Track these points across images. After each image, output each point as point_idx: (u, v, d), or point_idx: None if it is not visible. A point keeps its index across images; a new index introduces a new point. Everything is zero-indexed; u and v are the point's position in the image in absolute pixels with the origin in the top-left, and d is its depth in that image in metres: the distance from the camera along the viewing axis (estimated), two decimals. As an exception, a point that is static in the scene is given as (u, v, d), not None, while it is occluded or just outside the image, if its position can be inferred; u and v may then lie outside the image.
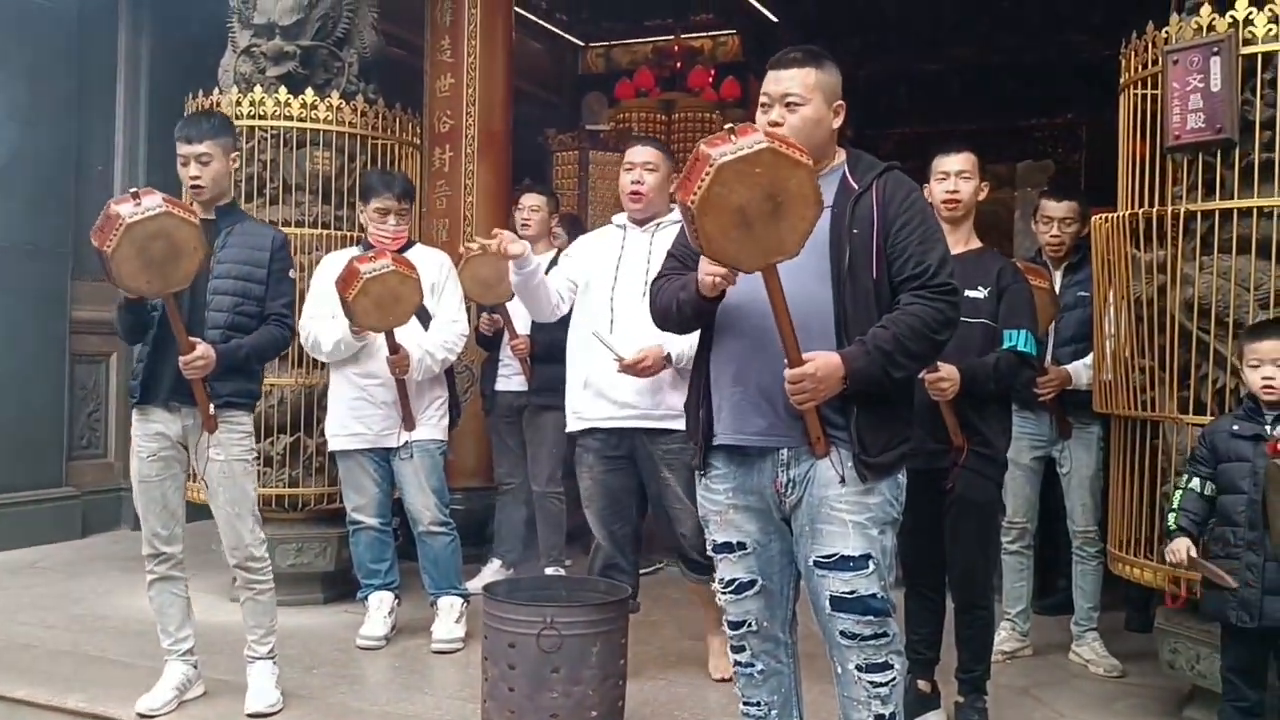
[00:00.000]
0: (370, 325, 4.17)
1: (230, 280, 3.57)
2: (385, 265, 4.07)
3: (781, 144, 2.31)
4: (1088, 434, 4.39)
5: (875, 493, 2.52)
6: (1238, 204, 3.44)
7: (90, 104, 6.57)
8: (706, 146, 2.31)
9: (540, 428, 5.20)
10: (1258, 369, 3.10)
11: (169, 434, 3.57)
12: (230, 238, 3.62)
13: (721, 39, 10.55)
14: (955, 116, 10.02)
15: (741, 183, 2.27)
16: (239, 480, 3.59)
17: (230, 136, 3.70)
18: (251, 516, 3.63)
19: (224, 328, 3.53)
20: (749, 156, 2.26)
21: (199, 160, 3.57)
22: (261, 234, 3.70)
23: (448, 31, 6.02)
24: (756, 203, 2.28)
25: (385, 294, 4.08)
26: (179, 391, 3.51)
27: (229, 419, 3.57)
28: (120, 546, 6.27)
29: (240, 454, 3.59)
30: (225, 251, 3.59)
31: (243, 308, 3.58)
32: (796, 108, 2.58)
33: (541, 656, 3.17)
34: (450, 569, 4.49)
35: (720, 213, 2.28)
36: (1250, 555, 3.02)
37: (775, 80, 2.61)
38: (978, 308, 3.41)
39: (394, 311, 4.14)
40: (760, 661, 2.71)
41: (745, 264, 2.36)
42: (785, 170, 2.29)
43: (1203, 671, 3.49)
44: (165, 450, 3.58)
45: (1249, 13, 3.40)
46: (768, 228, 2.30)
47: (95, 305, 6.63)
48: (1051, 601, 4.99)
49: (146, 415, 3.59)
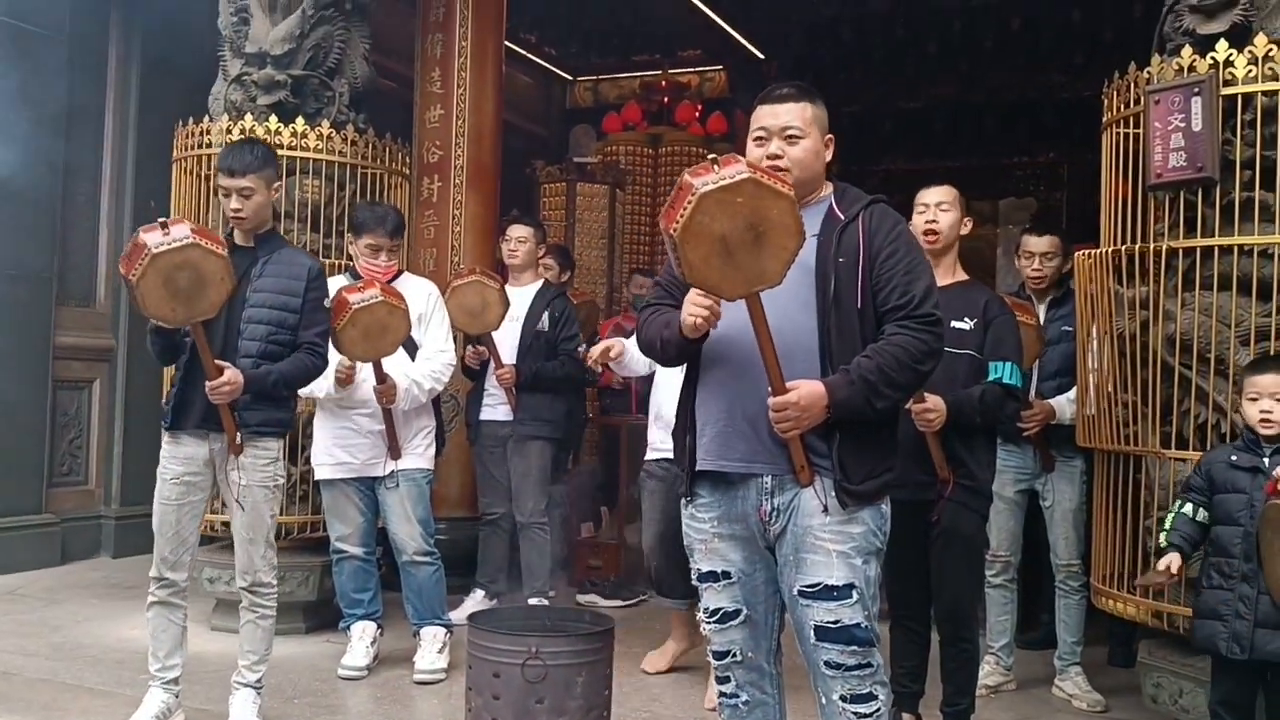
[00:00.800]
0: (357, 355, 4.18)
1: (265, 310, 3.57)
2: (374, 296, 4.07)
3: (764, 175, 2.35)
4: (1071, 468, 4.42)
5: (858, 522, 2.53)
6: (1219, 241, 3.49)
7: (78, 129, 6.58)
8: (690, 176, 2.34)
9: (525, 457, 5.19)
10: (1256, 402, 3.12)
11: (197, 457, 3.56)
12: (268, 266, 3.61)
13: (709, 75, 10.66)
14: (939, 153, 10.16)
15: (723, 212, 2.30)
16: (259, 506, 3.58)
17: (273, 168, 3.71)
18: (265, 543, 3.62)
19: (257, 356, 3.53)
20: (731, 186, 2.30)
21: (241, 194, 3.58)
22: (299, 262, 3.69)
23: (438, 63, 6.07)
24: (738, 232, 2.31)
25: (374, 324, 4.08)
26: (209, 419, 3.50)
27: (256, 444, 3.56)
28: (100, 574, 6.22)
29: (262, 480, 3.58)
30: (262, 280, 3.59)
31: (276, 336, 3.57)
32: (797, 140, 2.62)
33: (526, 687, 3.15)
34: (434, 599, 4.47)
35: (702, 241, 2.31)
36: (1244, 587, 3.02)
37: (773, 114, 2.64)
38: (964, 339, 3.43)
39: (381, 342, 4.14)
40: (745, 692, 2.70)
41: (727, 292, 2.39)
42: (767, 200, 2.32)
43: (1185, 706, 3.49)
44: (189, 475, 3.56)
45: (1229, 54, 3.46)
46: (749, 256, 2.33)
47: (79, 331, 6.63)
48: (1035, 636, 5.00)
49: (177, 440, 3.58)
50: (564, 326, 5.29)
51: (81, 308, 6.70)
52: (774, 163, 2.58)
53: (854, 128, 9.81)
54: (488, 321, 5.02)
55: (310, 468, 4.62)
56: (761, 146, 2.63)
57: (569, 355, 5.25)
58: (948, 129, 10.33)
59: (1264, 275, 3.42)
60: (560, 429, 5.34)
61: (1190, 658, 3.53)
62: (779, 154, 2.60)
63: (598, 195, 8.92)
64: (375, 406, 4.33)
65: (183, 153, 5.12)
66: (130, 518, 6.51)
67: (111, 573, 6.27)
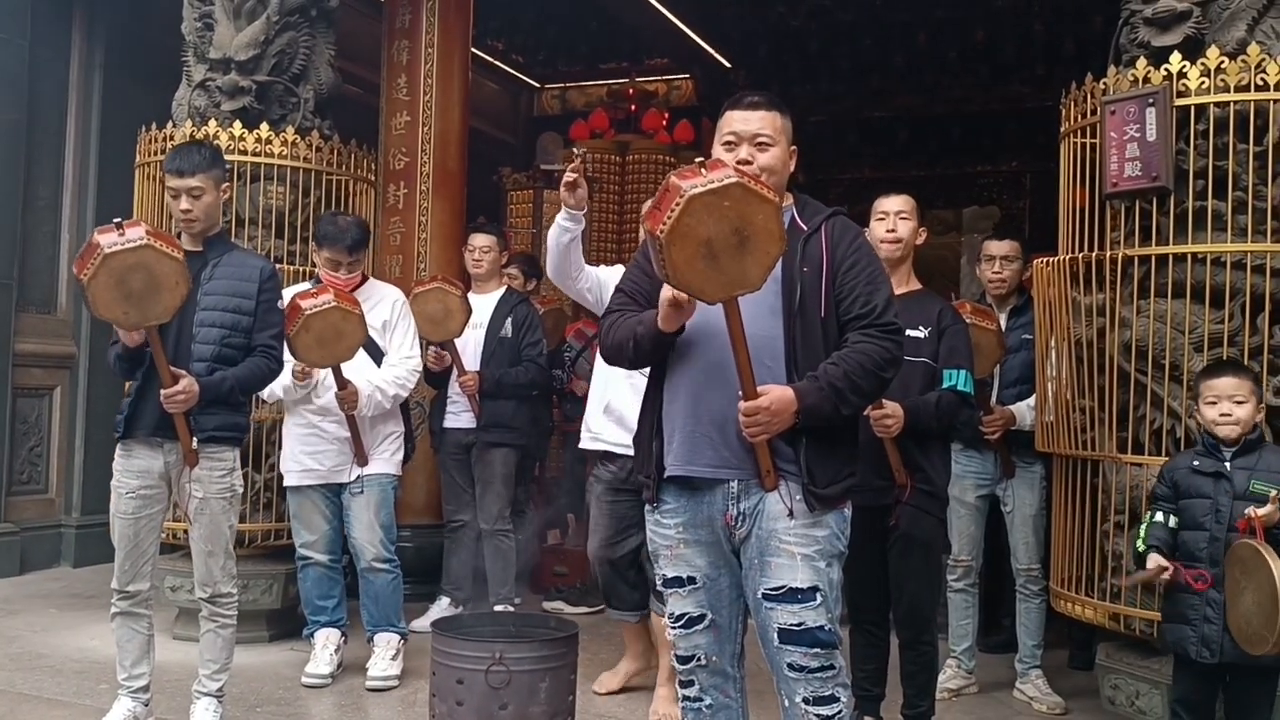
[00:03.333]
0: (313, 361, 4.15)
1: (217, 312, 3.52)
2: (327, 301, 4.05)
3: (750, 180, 2.38)
4: (1031, 473, 4.47)
5: (822, 525, 2.56)
6: (1173, 250, 3.55)
7: (39, 136, 6.51)
8: (677, 178, 2.36)
9: (489, 465, 5.19)
10: (1215, 405, 3.16)
11: (152, 470, 3.51)
12: (218, 269, 3.57)
13: (675, 83, 10.70)
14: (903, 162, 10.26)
15: (710, 215, 2.33)
16: (216, 518, 3.54)
17: (221, 169, 3.69)
18: (224, 553, 3.58)
19: (210, 360, 3.48)
20: (719, 190, 2.32)
21: (190, 194, 3.55)
22: (250, 264, 3.65)
23: (404, 70, 6.07)
24: (723, 236, 2.34)
25: (327, 330, 4.05)
26: (162, 426, 3.45)
27: (211, 454, 3.51)
28: (60, 584, 6.15)
29: (219, 491, 3.53)
30: (213, 283, 3.54)
31: (230, 339, 3.53)
32: (767, 148, 2.66)
33: (490, 693, 3.16)
34: (390, 606, 4.45)
35: (688, 243, 2.33)
36: (1212, 592, 3.05)
37: (745, 120, 2.67)
38: (919, 347, 3.48)
39: (337, 347, 4.11)
40: (709, 696, 2.71)
41: (709, 295, 2.40)
42: (753, 205, 2.35)
43: (1142, 708, 3.55)
44: (145, 488, 3.52)
45: (1183, 66, 3.53)
46: (733, 260, 2.36)
47: (39, 338, 6.55)
48: (997, 640, 5.05)
49: (129, 451, 3.53)
50: (527, 333, 5.30)
51: (42, 314, 6.63)
52: (743, 168, 2.60)
53: (820, 136, 9.92)
54: (450, 329, 5.01)
55: (274, 475, 4.59)
56: (731, 151, 2.66)
57: (532, 361, 5.25)
58: (912, 138, 10.44)
59: (1216, 283, 3.49)
60: (524, 436, 5.34)
61: (1147, 659, 3.59)
62: (749, 159, 2.63)
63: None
64: (340, 413, 4.31)
65: (146, 158, 5.09)
66: (91, 527, 6.43)
67: (72, 583, 6.20)
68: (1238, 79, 3.45)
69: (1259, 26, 3.54)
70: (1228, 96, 3.47)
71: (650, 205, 2.42)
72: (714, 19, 9.56)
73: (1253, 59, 3.45)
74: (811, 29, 9.65)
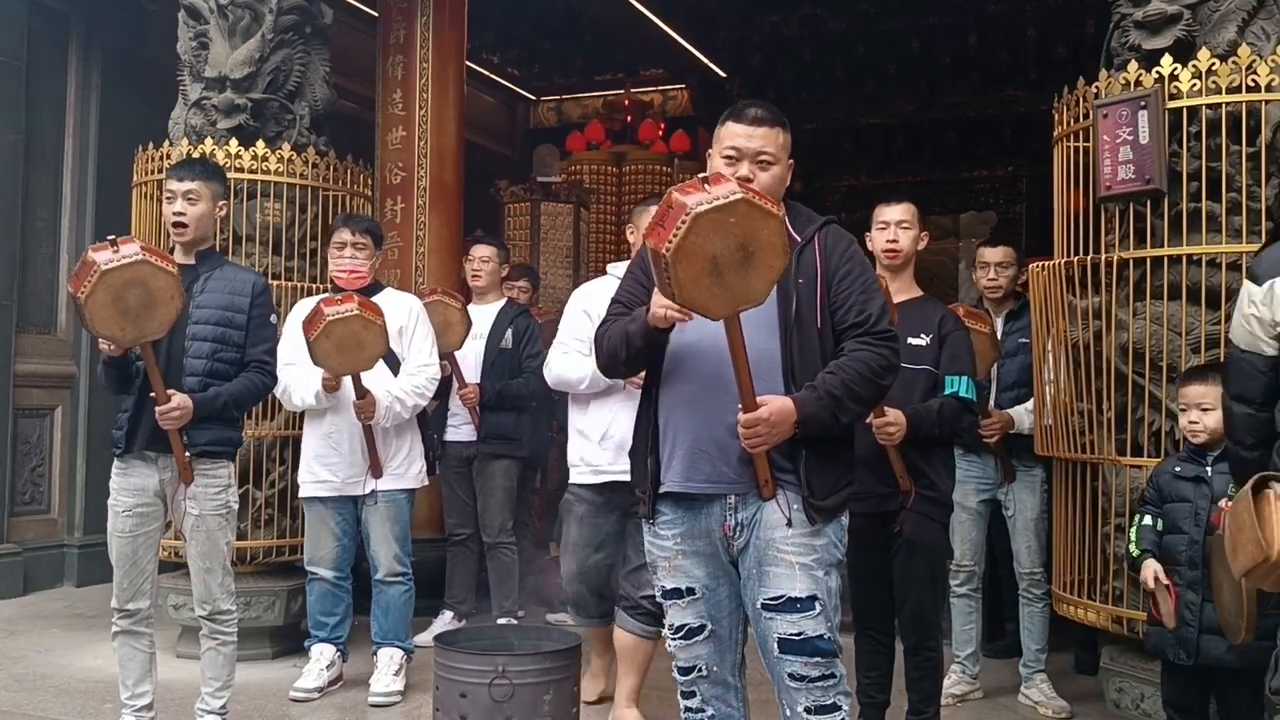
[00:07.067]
0: (332, 368, 4.14)
1: (209, 326, 3.52)
2: (350, 309, 4.05)
3: (755, 195, 2.38)
4: (1031, 477, 4.47)
5: (820, 534, 2.56)
6: (1168, 252, 3.56)
7: (37, 156, 6.53)
8: (680, 195, 2.35)
9: (490, 477, 5.19)
10: (1186, 413, 3.21)
11: (147, 488, 3.51)
12: (209, 282, 3.57)
13: (671, 93, 10.74)
14: (900, 169, 10.30)
15: (716, 232, 2.32)
16: (213, 534, 3.54)
17: (221, 184, 3.70)
18: (222, 570, 3.58)
19: (202, 375, 3.48)
20: (724, 207, 2.32)
21: (185, 197, 3.55)
22: (241, 279, 3.64)
23: (400, 85, 6.09)
24: (729, 252, 2.33)
25: (348, 337, 4.05)
26: (157, 441, 3.45)
27: (206, 470, 3.51)
28: (63, 604, 6.15)
29: (215, 509, 3.53)
30: (204, 296, 3.54)
31: (222, 354, 3.53)
32: (769, 166, 2.65)
33: (493, 706, 3.15)
34: (400, 620, 4.44)
35: (694, 261, 2.32)
36: (1190, 594, 3.09)
37: (748, 136, 2.65)
38: (920, 355, 3.48)
39: (356, 356, 4.09)
40: (710, 707, 2.71)
41: (714, 311, 2.40)
42: (758, 221, 2.34)
43: (1147, 710, 3.55)
44: (141, 506, 3.51)
45: (1174, 69, 3.54)
46: (738, 276, 2.35)
47: (39, 358, 6.56)
48: (1001, 644, 5.05)
49: (126, 468, 3.53)
50: (528, 344, 5.31)
51: (42, 334, 6.64)
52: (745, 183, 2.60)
53: (816, 144, 9.93)
54: (450, 341, 5.02)
55: (275, 491, 4.58)
56: (732, 167, 2.64)
57: (533, 373, 5.25)
58: (908, 145, 10.48)
59: (1212, 284, 3.50)
60: (525, 447, 5.35)
61: (1151, 662, 3.58)
62: (749, 177, 2.61)
63: (562, 214, 8.94)
64: (355, 424, 4.26)
65: (143, 178, 5.10)
66: (94, 546, 6.40)
67: (75, 602, 6.20)
68: (1229, 81, 3.47)
69: (1249, 28, 3.56)
70: (1219, 98, 3.49)
71: (652, 221, 2.41)
72: (708, 29, 9.61)
73: (1243, 60, 3.47)
74: (805, 38, 9.70)
